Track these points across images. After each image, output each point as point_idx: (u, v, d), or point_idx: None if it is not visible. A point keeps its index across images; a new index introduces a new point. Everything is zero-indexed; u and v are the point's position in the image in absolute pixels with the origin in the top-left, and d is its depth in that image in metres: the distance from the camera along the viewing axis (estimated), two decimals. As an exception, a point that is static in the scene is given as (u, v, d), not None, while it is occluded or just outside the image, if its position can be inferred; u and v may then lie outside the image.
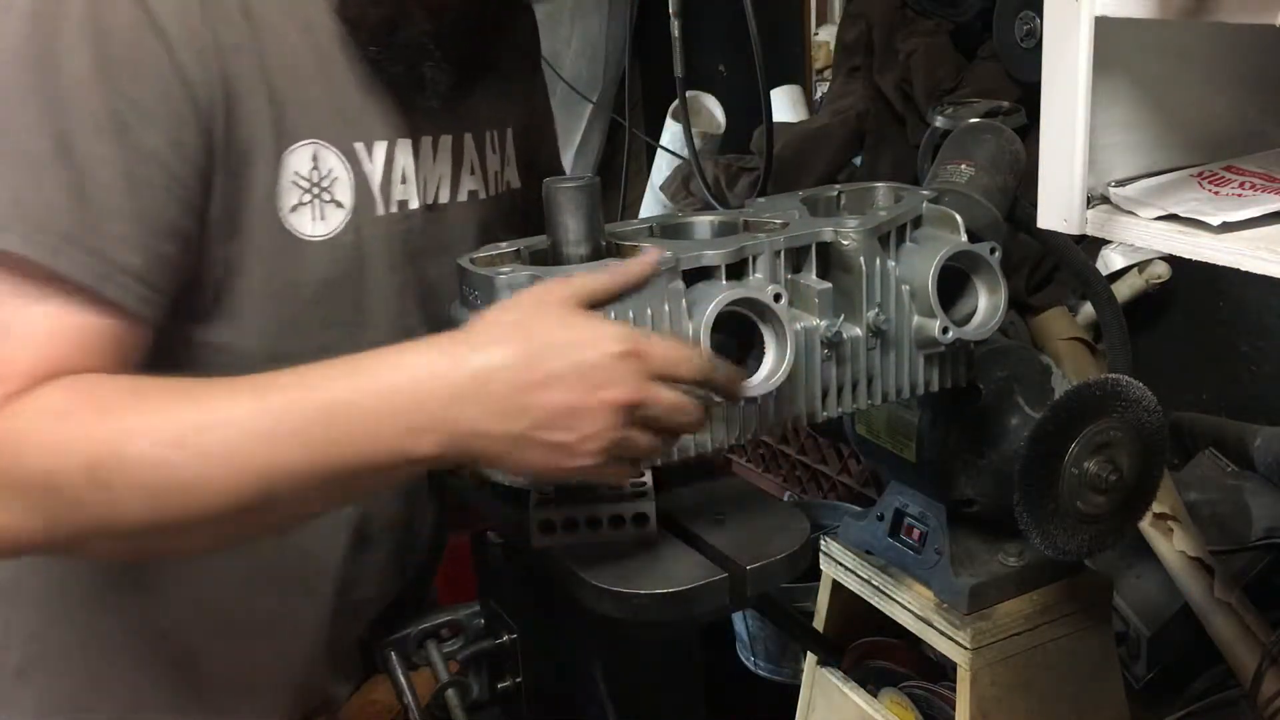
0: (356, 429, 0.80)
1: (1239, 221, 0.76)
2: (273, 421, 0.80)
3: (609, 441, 0.81)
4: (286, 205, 0.97)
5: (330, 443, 0.80)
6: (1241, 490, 1.44)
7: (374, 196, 1.04)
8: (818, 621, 1.21)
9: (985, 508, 1.06)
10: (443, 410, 0.80)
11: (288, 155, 0.97)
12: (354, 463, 0.81)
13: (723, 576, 0.87)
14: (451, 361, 0.81)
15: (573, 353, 0.80)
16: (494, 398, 0.80)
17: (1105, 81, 0.80)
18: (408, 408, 0.80)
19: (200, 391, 0.82)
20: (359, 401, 0.80)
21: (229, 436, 0.79)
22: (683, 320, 0.88)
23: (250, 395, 0.81)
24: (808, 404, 0.96)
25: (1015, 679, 1.04)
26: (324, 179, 1.00)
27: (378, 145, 1.04)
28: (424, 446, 0.81)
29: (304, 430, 0.80)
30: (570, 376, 0.80)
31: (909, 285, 0.97)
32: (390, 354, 0.83)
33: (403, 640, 1.12)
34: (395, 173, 1.06)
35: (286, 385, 0.81)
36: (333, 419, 0.80)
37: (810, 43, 2.43)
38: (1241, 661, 1.26)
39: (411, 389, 0.80)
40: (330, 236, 1.01)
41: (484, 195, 1.16)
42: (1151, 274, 1.66)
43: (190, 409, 0.81)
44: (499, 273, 0.89)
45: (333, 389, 0.81)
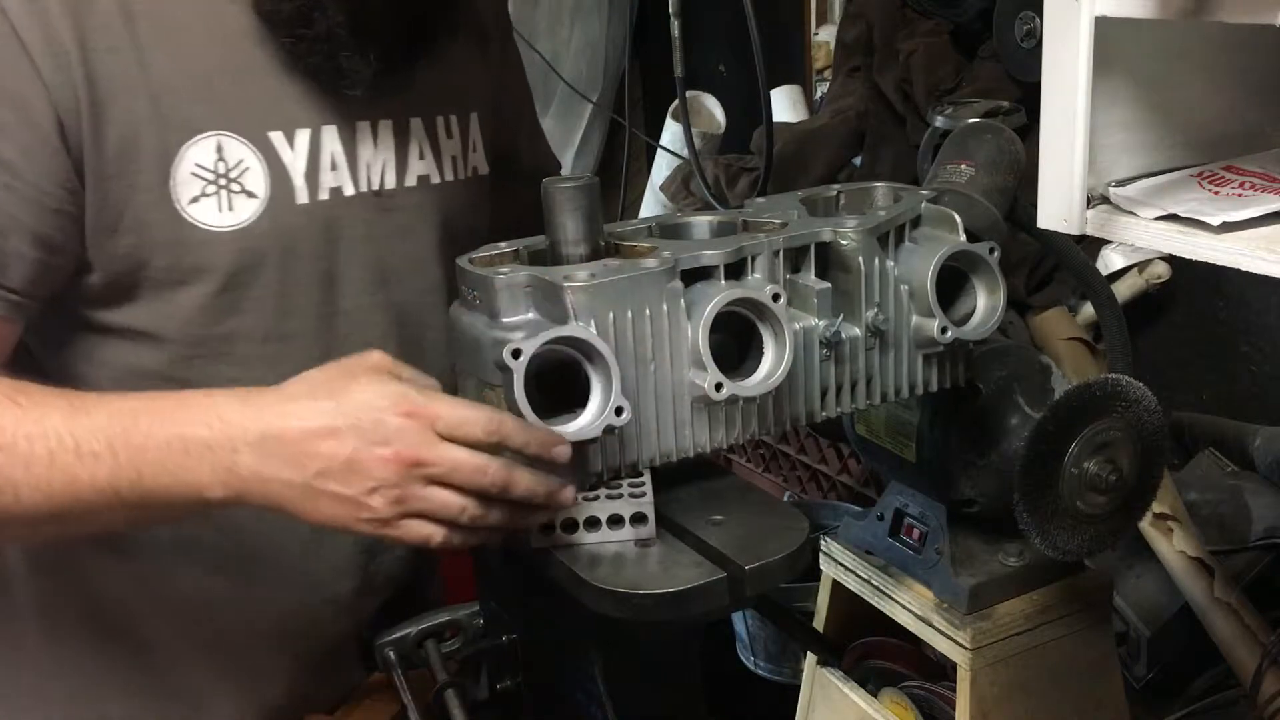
0: (151, 465, 0.84)
1: (1239, 221, 0.76)
2: (83, 439, 0.84)
3: (394, 497, 0.83)
4: (186, 197, 0.99)
5: (130, 472, 0.84)
6: (1241, 490, 1.44)
7: (294, 185, 1.04)
8: (818, 621, 1.21)
9: (985, 508, 1.05)
10: (229, 458, 0.84)
11: (187, 148, 0.99)
12: (150, 494, 0.85)
13: (722, 576, 0.87)
14: (252, 413, 0.84)
15: (356, 410, 0.83)
16: (279, 447, 0.83)
17: (1105, 81, 0.79)
18: (198, 452, 0.84)
19: (29, 400, 0.86)
20: (156, 440, 0.84)
21: (47, 447, 0.84)
22: (681, 320, 0.88)
23: (68, 413, 0.85)
24: (807, 404, 0.96)
25: (1015, 679, 1.04)
26: (231, 169, 1.01)
27: (299, 133, 1.04)
28: (213, 490, 0.85)
29: (106, 454, 0.84)
30: (349, 431, 0.83)
31: (908, 285, 0.97)
32: (204, 399, 0.86)
33: (402, 640, 1.12)
34: (323, 159, 1.06)
35: (99, 408, 0.86)
36: (130, 451, 0.84)
37: (810, 43, 2.43)
38: (1241, 661, 1.26)
39: (205, 436, 0.84)
40: (241, 226, 1.02)
41: (438, 180, 1.15)
42: (1151, 274, 1.66)
43: (15, 415, 0.85)
44: (498, 273, 0.89)
45: (139, 423, 0.85)
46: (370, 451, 0.82)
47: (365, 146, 1.09)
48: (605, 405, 0.85)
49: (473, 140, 1.21)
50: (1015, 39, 1.64)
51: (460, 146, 1.19)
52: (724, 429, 0.93)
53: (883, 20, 1.92)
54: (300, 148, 1.05)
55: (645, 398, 0.89)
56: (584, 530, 0.90)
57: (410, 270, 1.15)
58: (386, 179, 1.11)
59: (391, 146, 1.11)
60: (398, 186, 1.12)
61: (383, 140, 1.10)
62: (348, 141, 1.08)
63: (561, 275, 0.87)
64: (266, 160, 1.03)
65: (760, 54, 1.28)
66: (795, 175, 1.93)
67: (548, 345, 0.83)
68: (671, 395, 0.90)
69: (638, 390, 0.88)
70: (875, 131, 1.94)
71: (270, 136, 1.03)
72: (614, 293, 0.86)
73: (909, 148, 1.84)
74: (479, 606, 1.14)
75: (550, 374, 0.85)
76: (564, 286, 0.85)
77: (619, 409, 0.85)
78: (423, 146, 1.14)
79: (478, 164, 1.21)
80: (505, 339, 0.85)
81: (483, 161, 1.22)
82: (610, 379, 0.85)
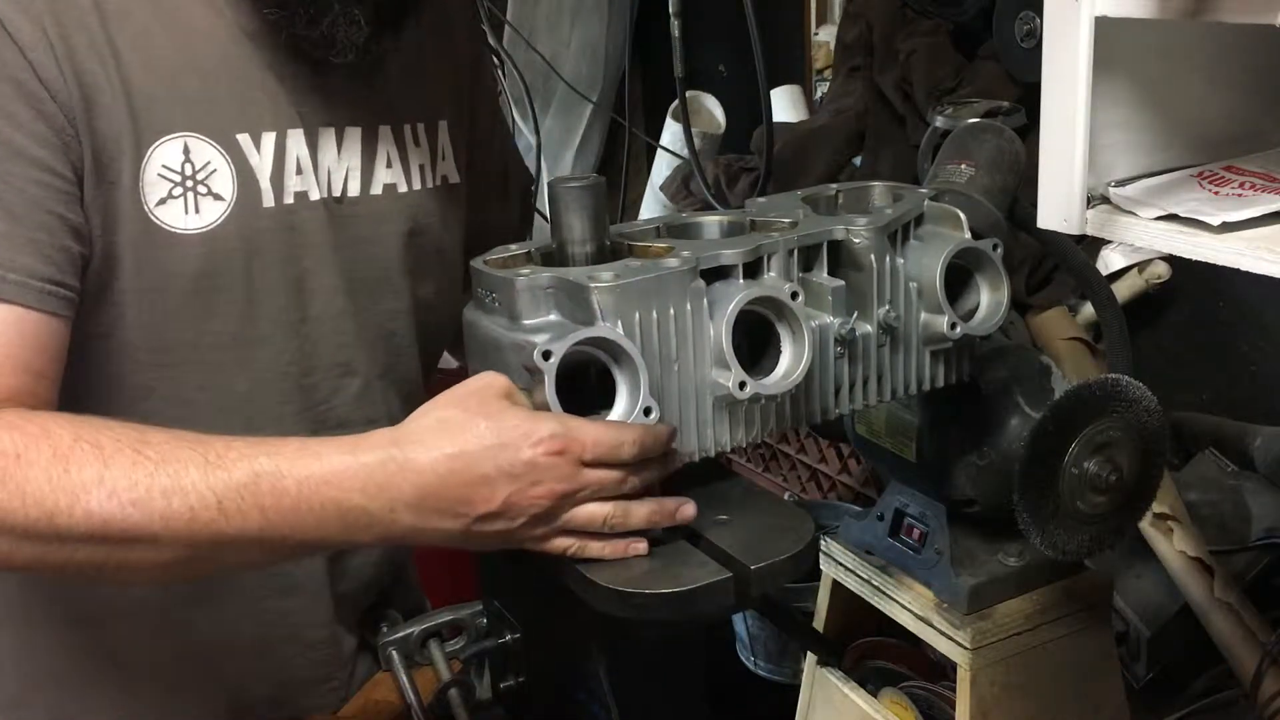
0: (305, 527, 0.85)
1: (1239, 221, 0.76)
2: (226, 498, 0.84)
3: (551, 525, 0.87)
4: (153, 198, 0.98)
5: (283, 530, 0.85)
6: (1241, 490, 1.44)
7: (261, 189, 1.04)
8: (818, 621, 1.21)
9: (985, 508, 1.06)
10: (387, 518, 0.85)
11: (154, 149, 0.98)
12: (301, 547, 0.88)
13: (727, 576, 0.87)
14: (394, 465, 0.85)
15: (503, 455, 0.84)
16: (428, 500, 0.85)
17: (1105, 81, 0.80)
18: (354, 518, 0.85)
19: (157, 455, 0.85)
20: (309, 504, 0.85)
21: (185, 503, 0.83)
22: (704, 319, 0.89)
23: (203, 468, 0.84)
24: (822, 401, 0.96)
25: (1015, 679, 1.04)
26: (198, 171, 1.00)
27: (265, 136, 1.03)
28: (365, 537, 0.87)
29: (254, 514, 0.84)
30: (501, 480, 0.84)
31: (916, 282, 0.97)
32: (339, 448, 0.86)
33: (405, 640, 1.12)
34: (288, 164, 1.05)
35: (238, 464, 0.85)
36: (283, 513, 0.84)
37: (810, 43, 2.43)
38: (1241, 661, 1.26)
39: (361, 503, 0.85)
40: (207, 229, 1.01)
41: (405, 189, 1.14)
42: (1151, 274, 1.66)
43: (147, 470, 0.84)
44: (519, 274, 0.89)
45: (286, 486, 0.85)
46: (524, 494, 0.85)
47: (328, 153, 1.08)
48: (633, 406, 0.86)
49: (441, 148, 1.20)
50: (1015, 39, 1.64)
51: (429, 155, 1.18)
52: (744, 428, 0.93)
53: (883, 20, 1.92)
54: (266, 151, 1.04)
55: (669, 397, 0.90)
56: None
57: (377, 277, 1.14)
58: (350, 186, 1.10)
59: (358, 153, 1.10)
60: (362, 194, 1.11)
61: (348, 147, 1.10)
62: (313, 147, 1.07)
63: (586, 276, 0.87)
64: (234, 162, 1.02)
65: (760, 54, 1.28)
66: (795, 175, 1.93)
67: (576, 346, 0.83)
68: (695, 395, 0.91)
69: (662, 390, 0.89)
70: (875, 131, 1.94)
71: (238, 139, 1.02)
72: (639, 293, 0.87)
73: (909, 148, 1.84)
74: (482, 606, 1.14)
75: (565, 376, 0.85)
76: (590, 287, 0.85)
77: (647, 409, 0.85)
78: (390, 154, 1.13)
79: (447, 173, 1.20)
80: (528, 341, 0.85)
81: (453, 170, 1.21)
82: (638, 379, 0.85)
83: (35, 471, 0.83)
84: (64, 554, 0.84)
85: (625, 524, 0.88)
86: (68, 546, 0.84)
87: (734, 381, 0.87)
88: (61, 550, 0.84)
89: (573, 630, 1.02)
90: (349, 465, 0.85)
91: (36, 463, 0.83)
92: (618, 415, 0.86)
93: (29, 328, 0.93)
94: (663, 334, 0.88)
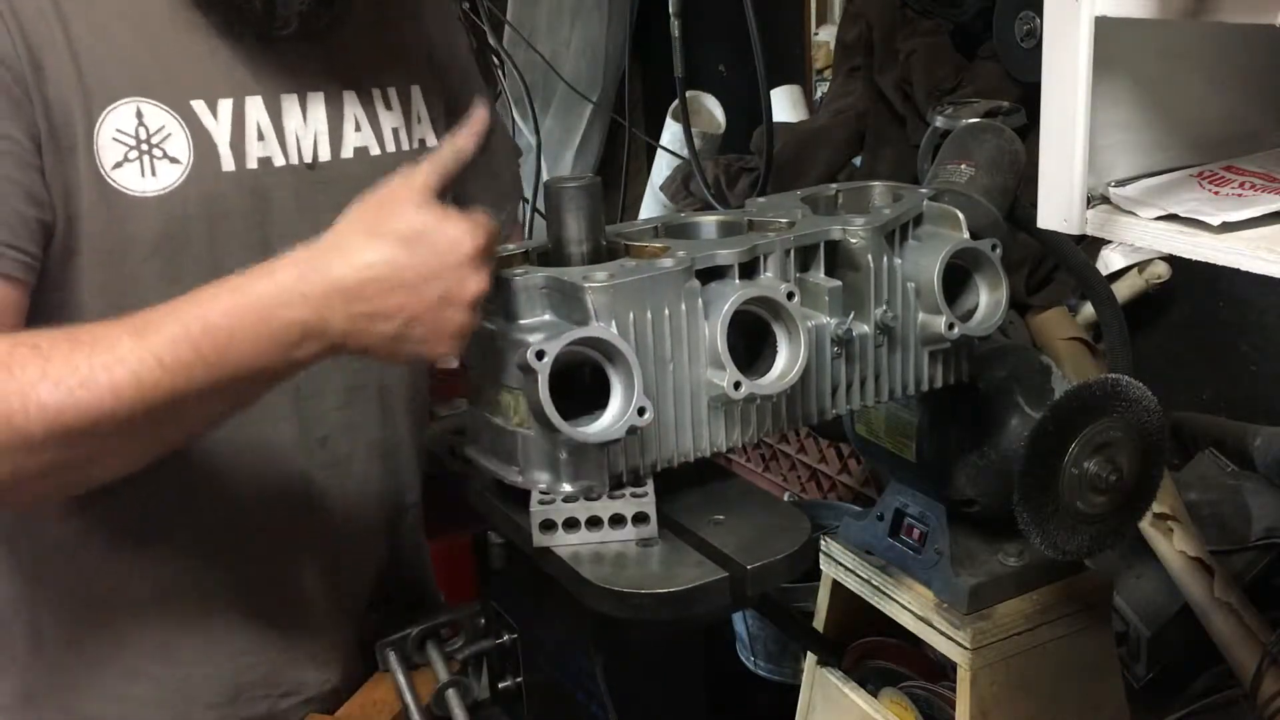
0: (240, 350, 0.87)
1: (1239, 221, 0.76)
2: (164, 353, 0.86)
3: (466, 328, 0.89)
4: (109, 161, 1.00)
5: (217, 365, 0.87)
6: (1241, 490, 1.44)
7: (219, 153, 1.05)
8: (818, 621, 1.21)
9: (985, 508, 1.06)
10: (316, 319, 0.87)
11: (107, 114, 0.99)
12: (247, 376, 0.88)
13: (723, 576, 0.87)
14: (318, 274, 0.88)
15: (434, 256, 0.88)
16: (354, 304, 0.87)
17: (1105, 81, 0.80)
18: (281, 324, 0.87)
19: (90, 337, 0.87)
20: (235, 327, 0.87)
21: (126, 370, 0.85)
22: (699, 319, 0.88)
23: (134, 335, 0.87)
24: (818, 401, 0.96)
25: (1015, 679, 1.04)
26: (153, 135, 1.02)
27: (222, 102, 1.05)
28: (305, 350, 0.89)
29: (195, 361, 0.86)
30: (434, 281, 0.87)
31: (914, 283, 0.97)
32: (256, 275, 0.89)
33: (403, 640, 1.12)
34: (249, 129, 1.07)
35: (165, 322, 0.87)
36: (219, 350, 0.87)
37: (810, 43, 2.43)
38: (1241, 661, 1.26)
39: (284, 302, 0.87)
40: (164, 192, 1.02)
41: (378, 152, 1.15)
42: (1151, 274, 1.66)
43: (87, 353, 0.86)
44: (514, 274, 0.90)
45: (216, 322, 0.87)
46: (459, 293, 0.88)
47: (292, 118, 1.10)
48: (627, 406, 0.85)
49: (416, 112, 1.21)
50: (1015, 39, 1.64)
51: (402, 118, 1.19)
52: (739, 428, 0.93)
53: (883, 20, 1.92)
54: (224, 117, 1.05)
55: (664, 397, 0.90)
56: (586, 530, 0.90)
57: None
58: (320, 150, 1.12)
59: (324, 118, 1.12)
60: (333, 159, 1.12)
61: (312, 112, 1.11)
62: (274, 113, 1.08)
63: (580, 275, 0.87)
64: (189, 127, 1.03)
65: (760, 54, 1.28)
66: (795, 175, 1.93)
67: (570, 347, 0.83)
68: (689, 395, 0.91)
69: (657, 390, 0.89)
70: (875, 131, 1.94)
71: (192, 105, 1.04)
72: (633, 293, 0.87)
73: (909, 148, 1.84)
74: (479, 606, 1.14)
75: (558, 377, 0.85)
76: (584, 287, 0.86)
77: (641, 409, 0.85)
78: (358, 118, 1.15)
79: (424, 135, 1.21)
80: (523, 341, 0.85)
81: (430, 133, 1.22)
82: (632, 379, 0.85)
83: None
84: (33, 461, 0.85)
85: None
86: (34, 452, 0.85)
87: (729, 382, 0.87)
88: (30, 458, 0.85)
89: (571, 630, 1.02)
90: (269, 287, 0.88)
91: None
92: (611, 416, 0.86)
93: None
94: (657, 334, 0.88)
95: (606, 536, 0.90)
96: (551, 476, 0.91)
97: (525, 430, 0.90)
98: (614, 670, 0.99)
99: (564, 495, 0.90)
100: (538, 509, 0.90)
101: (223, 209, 1.05)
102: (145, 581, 1.12)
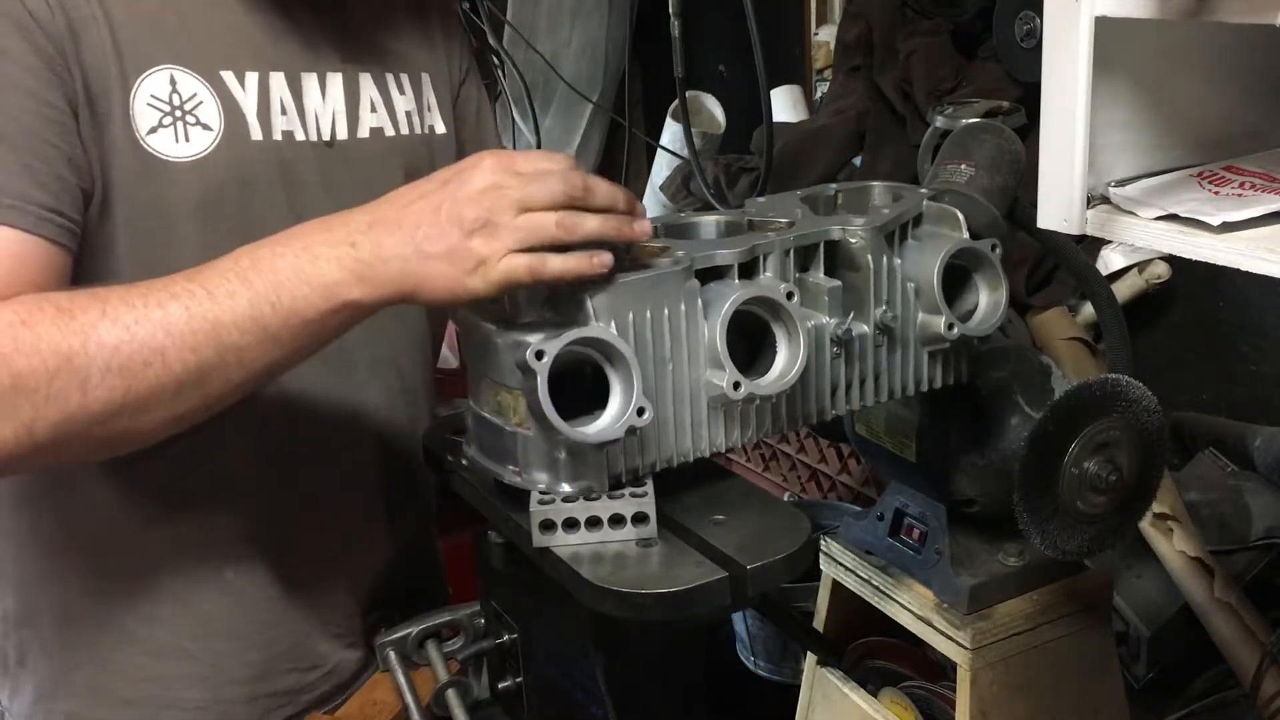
0: (286, 281, 0.89)
1: (1239, 221, 0.76)
2: (213, 285, 0.89)
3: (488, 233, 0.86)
4: (145, 127, 1.02)
5: (270, 294, 0.89)
6: (1241, 490, 1.44)
7: (248, 122, 1.07)
8: (818, 621, 1.21)
9: (985, 508, 1.06)
10: (349, 251, 0.89)
11: (143, 80, 1.01)
12: (291, 311, 0.89)
13: (723, 576, 0.87)
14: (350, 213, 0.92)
15: (442, 174, 0.91)
16: (378, 223, 0.90)
17: (1105, 81, 0.80)
18: (324, 253, 0.89)
19: (147, 285, 0.90)
20: (285, 260, 0.89)
21: (179, 305, 0.88)
22: (698, 319, 0.89)
23: (188, 273, 0.90)
24: (818, 401, 0.96)
25: (1015, 679, 1.04)
26: (185, 102, 1.04)
27: (249, 75, 1.07)
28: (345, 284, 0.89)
29: (241, 288, 0.89)
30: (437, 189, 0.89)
31: (914, 283, 0.97)
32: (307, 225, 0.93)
33: (403, 640, 1.12)
34: (273, 104, 1.09)
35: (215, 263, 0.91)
36: (262, 276, 0.89)
37: (810, 43, 2.43)
38: (1241, 661, 1.26)
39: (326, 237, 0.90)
40: (198, 157, 1.04)
41: (393, 133, 1.18)
42: (1151, 274, 1.66)
43: (143, 293, 0.89)
44: None
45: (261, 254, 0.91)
46: (457, 195, 0.88)
47: (312, 97, 1.12)
48: (627, 406, 0.85)
49: (427, 100, 1.23)
50: (1015, 39, 1.64)
51: (414, 103, 1.21)
52: (739, 428, 0.93)
53: (883, 20, 1.92)
54: (251, 88, 1.07)
55: (663, 398, 0.90)
56: (585, 529, 0.90)
57: None
58: (339, 129, 1.14)
59: (341, 98, 1.14)
60: (350, 138, 1.15)
61: (331, 92, 1.13)
62: (295, 90, 1.11)
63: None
64: (219, 95, 1.06)
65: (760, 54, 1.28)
66: (795, 175, 1.93)
67: (569, 347, 0.83)
68: (689, 395, 0.91)
69: (656, 390, 0.89)
70: (875, 131, 1.94)
71: (222, 74, 1.06)
72: (633, 293, 0.87)
73: (909, 148, 1.84)
74: (480, 606, 1.14)
75: (558, 376, 0.85)
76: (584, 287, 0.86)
77: (641, 409, 0.85)
78: (374, 100, 1.17)
79: (434, 123, 1.23)
80: (523, 340, 0.85)
81: (439, 121, 1.24)
82: (631, 380, 0.85)
83: (43, 328, 0.86)
84: (81, 400, 0.86)
85: (577, 228, 0.86)
86: (87, 388, 0.86)
87: (728, 382, 0.87)
88: (81, 395, 0.86)
89: (571, 630, 1.02)
90: (310, 224, 0.92)
91: (43, 320, 0.87)
92: (611, 416, 0.86)
93: (29, 250, 0.95)
94: (656, 334, 0.88)
95: (606, 536, 0.90)
96: (550, 477, 0.91)
97: (524, 430, 0.90)
98: (614, 670, 0.99)
99: (563, 495, 0.90)
100: (537, 509, 0.90)
101: (252, 176, 1.07)
102: (176, 549, 1.12)
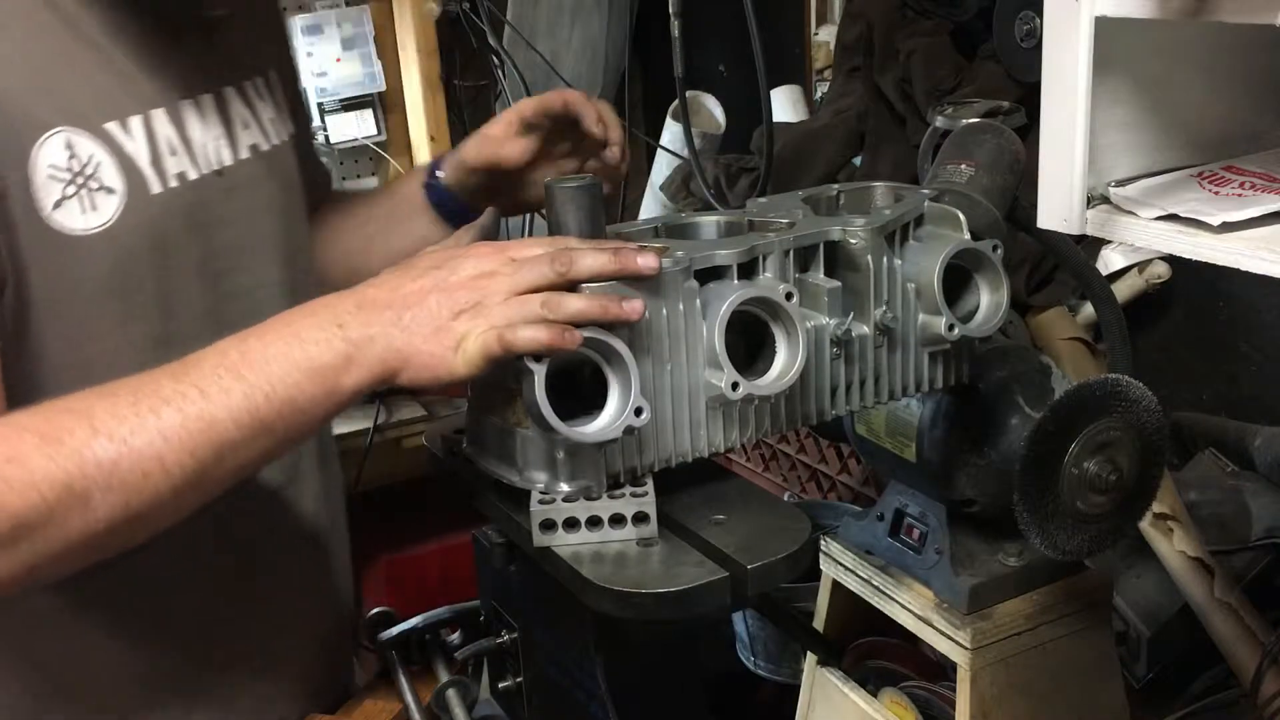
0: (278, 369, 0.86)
1: (1239, 221, 0.76)
2: (204, 383, 0.85)
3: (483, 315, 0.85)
4: (49, 202, 0.93)
5: (263, 385, 0.86)
6: (1241, 490, 1.44)
7: (144, 175, 0.99)
8: (818, 621, 1.21)
9: (985, 508, 1.06)
10: (338, 333, 0.87)
11: (37, 149, 0.92)
12: (286, 401, 0.86)
13: (724, 576, 0.87)
14: (335, 297, 0.90)
15: (434, 259, 0.89)
16: (365, 305, 0.88)
17: (1105, 81, 0.80)
18: (312, 337, 0.87)
19: (128, 389, 0.85)
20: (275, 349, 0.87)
21: (172, 410, 0.84)
22: (697, 319, 0.89)
23: (173, 374, 0.86)
24: (817, 402, 0.96)
25: (1015, 679, 1.04)
26: (86, 166, 0.95)
27: (133, 120, 0.99)
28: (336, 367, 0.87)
29: (234, 383, 0.85)
30: (427, 273, 0.88)
31: (914, 283, 0.97)
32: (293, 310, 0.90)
33: (403, 639, 1.12)
34: (161, 146, 1.01)
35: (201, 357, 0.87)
36: (254, 368, 0.86)
37: (810, 43, 2.43)
38: (1241, 661, 1.26)
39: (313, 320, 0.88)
40: (107, 226, 0.96)
41: (266, 147, 1.13)
42: (1151, 274, 1.66)
43: (130, 402, 0.84)
44: None
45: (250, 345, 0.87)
46: (449, 280, 0.87)
47: (194, 127, 1.05)
48: (624, 406, 0.85)
49: (278, 100, 1.18)
50: (1015, 39, 1.64)
51: (273, 108, 1.16)
52: (738, 428, 0.94)
53: (883, 20, 1.92)
54: (138, 135, 0.99)
55: (662, 398, 0.90)
56: (586, 529, 0.90)
57: (272, 245, 1.13)
58: (224, 155, 1.08)
59: (218, 121, 1.08)
60: (235, 162, 1.09)
61: (209, 117, 1.07)
62: (178, 124, 1.03)
63: None
64: (113, 152, 0.97)
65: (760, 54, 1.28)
66: (795, 175, 1.93)
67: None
68: (687, 395, 0.91)
69: (654, 391, 0.89)
70: (875, 131, 1.94)
71: (106, 127, 0.97)
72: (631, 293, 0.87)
73: (909, 148, 1.84)
74: (480, 605, 1.14)
75: (557, 377, 0.85)
76: (583, 287, 0.86)
77: (639, 409, 0.85)
78: (244, 115, 1.11)
79: (287, 122, 1.19)
80: None
81: (289, 120, 1.20)
82: (629, 380, 0.85)
83: (34, 461, 0.81)
84: (83, 525, 0.82)
85: (560, 308, 0.85)
86: (89, 511, 0.82)
87: (727, 382, 0.87)
88: (82, 521, 0.82)
89: (571, 630, 1.02)
90: (298, 312, 0.90)
91: (30, 454, 0.81)
92: (609, 416, 0.86)
93: None
94: (655, 334, 0.88)
95: (606, 536, 0.90)
96: (549, 476, 0.91)
97: (523, 430, 0.90)
98: (614, 670, 0.99)
99: (562, 495, 0.90)
100: (537, 509, 0.90)
101: (161, 235, 1.01)
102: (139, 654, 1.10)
